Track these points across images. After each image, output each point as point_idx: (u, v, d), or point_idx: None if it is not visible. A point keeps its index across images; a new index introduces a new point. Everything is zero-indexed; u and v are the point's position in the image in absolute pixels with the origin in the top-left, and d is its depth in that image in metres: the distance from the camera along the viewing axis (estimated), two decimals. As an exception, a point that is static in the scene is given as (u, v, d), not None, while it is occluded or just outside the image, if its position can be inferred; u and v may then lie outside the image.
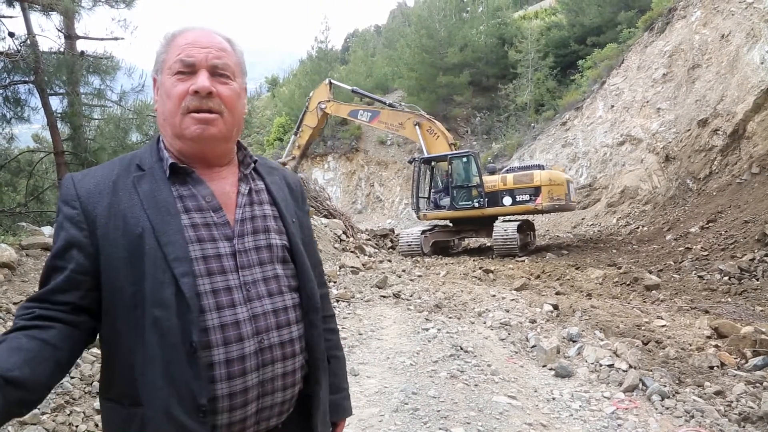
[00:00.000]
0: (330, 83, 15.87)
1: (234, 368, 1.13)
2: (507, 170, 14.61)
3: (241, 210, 1.24)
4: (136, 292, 1.10)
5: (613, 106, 18.94)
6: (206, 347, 1.11)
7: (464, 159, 14.02)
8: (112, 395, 1.16)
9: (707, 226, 11.35)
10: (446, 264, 11.74)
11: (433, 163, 14.52)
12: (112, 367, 1.16)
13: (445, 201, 14.17)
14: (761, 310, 6.81)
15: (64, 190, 1.19)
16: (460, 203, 13.79)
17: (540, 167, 13.93)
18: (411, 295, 7.71)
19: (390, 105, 15.66)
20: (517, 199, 13.14)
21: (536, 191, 12.92)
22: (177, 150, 1.22)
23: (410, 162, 15.24)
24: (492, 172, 14.01)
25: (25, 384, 0.99)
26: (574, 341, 5.44)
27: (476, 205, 13.56)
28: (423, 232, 13.96)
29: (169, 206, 1.15)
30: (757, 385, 4.23)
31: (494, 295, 7.54)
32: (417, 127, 14.55)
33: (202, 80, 1.16)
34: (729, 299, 7.48)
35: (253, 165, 1.33)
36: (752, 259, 8.63)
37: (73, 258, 1.13)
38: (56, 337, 1.08)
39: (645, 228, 14.49)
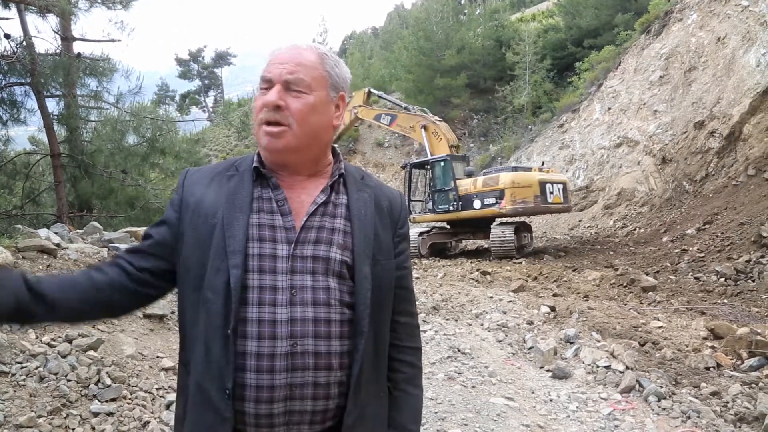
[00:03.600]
0: (369, 92, 17.06)
1: (263, 363, 1.19)
2: (483, 173, 14.56)
3: (308, 218, 1.29)
4: (201, 275, 1.23)
5: (609, 109, 18.99)
6: (243, 337, 1.19)
7: (441, 163, 14.12)
8: (182, 360, 1.31)
9: (703, 227, 11.39)
10: (444, 266, 11.75)
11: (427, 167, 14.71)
12: (183, 339, 1.31)
13: (430, 204, 14.51)
14: (757, 312, 6.84)
15: (179, 180, 1.38)
16: (440, 207, 14.00)
17: (514, 169, 13.57)
18: (408, 297, 7.70)
19: (405, 108, 16.20)
20: (485, 203, 12.97)
21: (501, 194, 12.64)
22: (264, 157, 1.33)
23: (402, 167, 15.65)
24: (469, 175, 13.81)
25: (43, 298, 1.17)
26: (571, 343, 5.46)
27: (451, 208, 13.71)
28: (420, 234, 14.01)
29: (243, 204, 1.26)
30: (753, 385, 4.25)
31: (491, 297, 7.54)
32: (423, 130, 14.87)
33: (271, 94, 1.26)
34: (725, 300, 7.51)
35: (337, 178, 1.36)
36: (748, 261, 8.66)
37: (160, 231, 1.33)
38: (103, 279, 1.27)
39: (641, 230, 14.52)
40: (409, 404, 1.40)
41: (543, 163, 16.04)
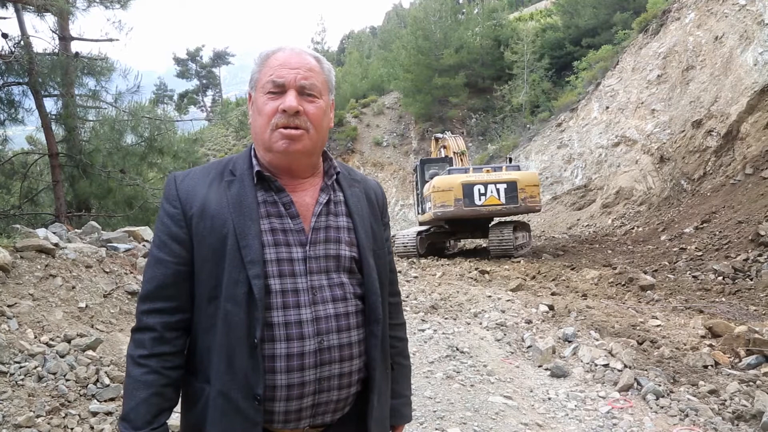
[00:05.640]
0: (435, 138, 18.73)
1: (293, 363, 1.23)
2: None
3: (316, 219, 1.32)
4: (216, 287, 1.24)
5: (608, 108, 19.01)
6: (270, 340, 1.22)
7: (416, 168, 15.77)
8: (191, 369, 1.31)
9: (701, 226, 11.41)
10: (442, 265, 11.75)
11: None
12: (193, 347, 1.31)
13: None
14: (755, 310, 6.86)
15: (167, 189, 1.33)
16: (418, 208, 15.46)
17: (449, 172, 13.45)
18: (407, 296, 7.71)
19: (437, 138, 18.16)
20: (428, 206, 13.53)
21: (431, 198, 13.04)
22: (267, 161, 1.32)
23: (414, 170, 17.39)
24: (432, 179, 14.00)
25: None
26: (569, 341, 5.46)
27: (420, 211, 14.88)
28: (418, 233, 14.03)
29: (252, 212, 1.26)
30: (751, 383, 4.26)
31: (490, 296, 7.55)
32: (443, 149, 16.76)
33: (290, 100, 1.26)
34: (723, 299, 7.52)
35: (335, 176, 1.40)
36: (746, 259, 8.68)
37: (174, 251, 1.27)
38: (179, 358, 1.30)
39: (640, 228, 14.54)
40: (404, 375, 1.56)
41: (510, 160, 16.52)
